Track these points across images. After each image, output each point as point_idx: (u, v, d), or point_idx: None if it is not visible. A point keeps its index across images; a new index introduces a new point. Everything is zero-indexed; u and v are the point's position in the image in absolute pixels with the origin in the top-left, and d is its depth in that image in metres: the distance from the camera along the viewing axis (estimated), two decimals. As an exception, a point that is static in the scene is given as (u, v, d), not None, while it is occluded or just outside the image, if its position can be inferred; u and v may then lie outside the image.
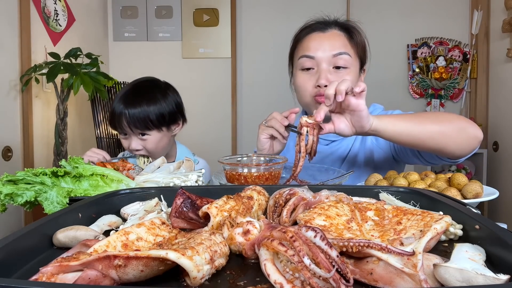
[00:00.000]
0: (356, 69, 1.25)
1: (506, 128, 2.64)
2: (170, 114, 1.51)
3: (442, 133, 1.00)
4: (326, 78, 1.19)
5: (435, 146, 1.02)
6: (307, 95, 1.25)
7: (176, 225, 0.59)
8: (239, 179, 0.98)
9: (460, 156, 1.07)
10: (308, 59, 1.22)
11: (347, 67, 1.21)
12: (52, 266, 0.41)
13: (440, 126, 1.01)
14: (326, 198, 0.65)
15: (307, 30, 1.27)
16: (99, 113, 2.54)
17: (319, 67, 1.21)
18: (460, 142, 1.03)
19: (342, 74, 1.21)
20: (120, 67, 3.12)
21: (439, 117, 1.06)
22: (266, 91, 3.11)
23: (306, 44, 1.24)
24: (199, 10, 3.11)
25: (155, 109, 1.47)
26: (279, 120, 1.14)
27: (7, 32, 2.04)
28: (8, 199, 0.84)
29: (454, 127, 1.02)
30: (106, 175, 0.91)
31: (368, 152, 1.29)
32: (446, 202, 0.64)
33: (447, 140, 1.01)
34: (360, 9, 3.02)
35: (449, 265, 0.42)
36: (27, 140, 2.13)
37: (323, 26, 1.25)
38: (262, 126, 1.19)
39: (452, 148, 1.03)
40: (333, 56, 1.20)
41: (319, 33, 1.24)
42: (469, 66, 2.94)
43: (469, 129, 1.03)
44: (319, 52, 1.21)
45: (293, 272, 0.42)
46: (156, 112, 1.46)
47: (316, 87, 1.21)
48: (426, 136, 1.00)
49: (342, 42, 1.23)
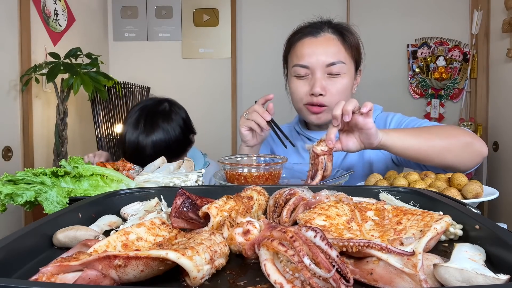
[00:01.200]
0: (351, 73, 1.24)
1: (506, 128, 2.64)
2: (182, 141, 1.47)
3: (448, 150, 1.00)
4: (321, 87, 1.19)
5: (441, 162, 1.02)
6: (300, 102, 1.25)
7: (176, 225, 0.59)
8: (239, 179, 0.98)
9: (464, 171, 1.07)
10: (302, 68, 1.22)
11: (341, 73, 1.21)
12: (52, 266, 0.41)
13: (446, 142, 1.01)
14: (326, 198, 0.65)
15: (299, 35, 1.26)
16: (99, 113, 2.53)
17: (313, 75, 1.21)
18: (465, 158, 1.03)
19: (337, 80, 1.20)
20: (120, 67, 3.12)
21: (446, 132, 1.05)
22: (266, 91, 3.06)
23: (300, 50, 1.23)
24: (199, 10, 3.11)
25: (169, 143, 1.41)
26: (261, 113, 1.14)
27: (7, 32, 2.04)
28: (8, 199, 0.84)
29: (460, 143, 1.02)
30: (106, 175, 0.91)
31: (366, 163, 1.28)
32: (446, 202, 0.64)
33: (452, 156, 1.01)
34: (360, 9, 3.02)
35: (449, 265, 0.42)
36: (27, 140, 2.13)
37: (316, 30, 1.24)
38: (243, 118, 1.19)
39: (456, 164, 1.03)
40: (327, 66, 1.19)
41: (312, 38, 1.23)
42: (469, 66, 2.94)
43: (474, 145, 1.03)
44: (313, 61, 1.20)
45: (293, 272, 0.42)
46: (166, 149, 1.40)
47: (310, 95, 1.21)
48: (432, 152, 1.00)
49: (336, 48, 1.21)
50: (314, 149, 0.95)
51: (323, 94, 1.19)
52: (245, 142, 1.23)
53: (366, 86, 3.08)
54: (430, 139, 1.00)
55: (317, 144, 0.95)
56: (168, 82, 3.15)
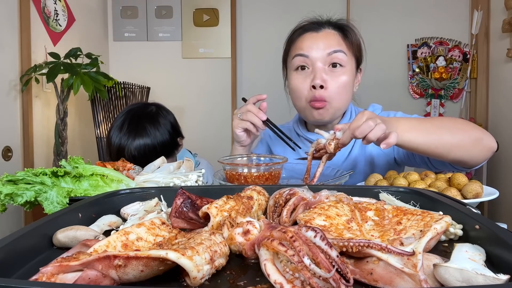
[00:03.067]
0: (352, 68, 1.22)
1: (506, 128, 2.64)
2: (169, 144, 1.49)
3: (459, 146, 0.99)
4: (322, 78, 1.16)
5: (451, 158, 1.01)
6: (302, 99, 1.21)
7: (176, 225, 0.59)
8: (239, 179, 0.98)
9: (474, 165, 1.07)
10: (302, 57, 1.19)
11: (343, 66, 1.18)
12: (52, 266, 0.41)
13: (457, 137, 0.99)
14: (326, 198, 0.65)
15: (300, 31, 1.25)
16: (99, 113, 2.53)
17: (314, 66, 1.18)
18: (475, 153, 1.02)
19: (338, 73, 1.18)
20: (120, 67, 3.12)
21: (457, 127, 1.02)
22: (266, 91, 3.06)
23: (300, 44, 1.22)
24: (199, 10, 3.11)
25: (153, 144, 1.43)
26: (256, 113, 1.13)
27: (7, 32, 2.04)
28: (8, 199, 0.84)
29: (471, 139, 1.01)
30: (106, 175, 0.91)
31: (368, 157, 1.27)
32: (446, 202, 0.64)
33: (463, 152, 1.00)
34: (360, 9, 3.02)
35: (449, 265, 0.42)
36: (27, 140, 2.13)
37: (317, 26, 1.23)
38: (237, 119, 1.17)
39: (467, 159, 1.02)
40: (328, 55, 1.17)
41: (313, 33, 1.22)
42: (469, 66, 2.94)
43: (484, 140, 1.02)
44: (313, 51, 1.18)
45: (293, 272, 0.42)
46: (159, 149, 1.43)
47: (312, 89, 1.18)
48: (443, 149, 0.98)
49: (336, 40, 1.20)
50: (328, 146, 0.92)
51: (324, 86, 1.16)
52: (239, 142, 1.22)
53: (366, 86, 3.08)
54: (442, 135, 0.98)
55: (329, 144, 0.93)
56: (168, 82, 3.15)
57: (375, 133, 0.86)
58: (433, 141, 0.97)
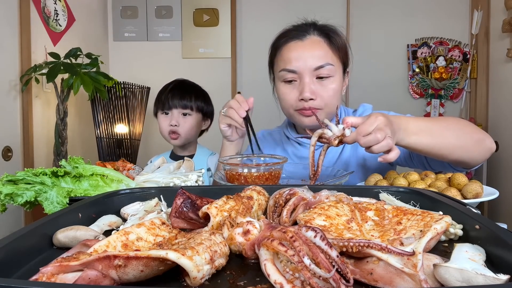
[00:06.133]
0: (340, 75, 1.21)
1: (506, 128, 2.64)
2: (208, 110, 1.89)
3: (462, 147, 1.00)
4: (311, 91, 1.15)
5: (453, 158, 1.01)
6: (291, 108, 1.21)
7: (176, 225, 0.59)
8: (239, 179, 0.98)
9: (473, 166, 1.07)
10: (290, 72, 1.18)
11: (331, 75, 1.18)
12: (52, 266, 0.41)
13: (461, 139, 1.00)
14: (326, 198, 0.65)
15: (284, 39, 1.22)
16: (99, 113, 2.53)
17: (301, 80, 1.17)
18: (476, 154, 1.02)
19: (326, 83, 1.17)
20: (120, 67, 3.12)
21: (460, 127, 1.02)
22: (266, 91, 3.07)
23: (286, 55, 1.19)
24: (199, 10, 3.11)
25: (200, 98, 1.86)
26: (236, 110, 1.13)
27: (7, 32, 2.04)
28: (8, 199, 0.84)
29: (474, 140, 1.01)
30: (106, 175, 0.91)
31: (360, 158, 1.26)
32: (446, 202, 0.64)
33: (465, 153, 1.01)
34: (360, 9, 3.02)
35: (449, 265, 0.42)
36: (27, 140, 2.13)
37: (301, 33, 1.20)
38: (221, 115, 1.18)
39: (468, 160, 1.02)
40: (315, 69, 1.16)
41: (298, 41, 1.19)
42: (469, 66, 2.94)
43: (485, 142, 1.03)
44: (300, 65, 1.16)
45: (293, 272, 0.42)
46: (199, 101, 1.85)
47: (300, 100, 1.17)
48: (447, 150, 0.99)
49: (323, 50, 1.18)
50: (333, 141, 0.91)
51: (313, 98, 1.16)
52: (226, 137, 1.23)
53: (366, 86, 3.09)
54: (447, 137, 0.98)
55: (334, 139, 0.92)
56: (168, 82, 3.14)
57: (380, 148, 0.85)
58: (437, 143, 0.97)
